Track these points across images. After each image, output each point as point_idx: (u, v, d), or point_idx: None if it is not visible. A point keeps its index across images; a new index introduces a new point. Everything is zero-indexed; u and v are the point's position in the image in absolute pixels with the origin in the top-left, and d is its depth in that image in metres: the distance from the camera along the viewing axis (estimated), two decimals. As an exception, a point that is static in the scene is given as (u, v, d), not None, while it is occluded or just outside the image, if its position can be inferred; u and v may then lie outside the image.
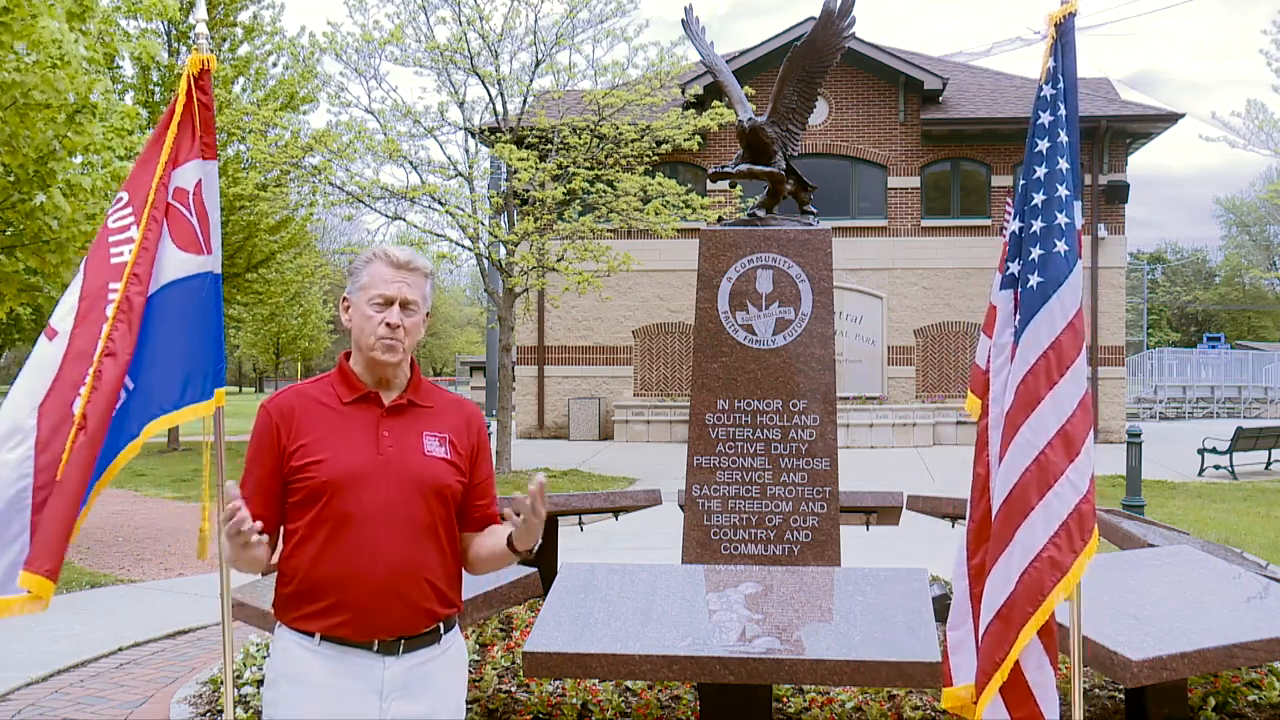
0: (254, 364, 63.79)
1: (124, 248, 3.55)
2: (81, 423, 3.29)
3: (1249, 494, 15.47)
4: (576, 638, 3.96)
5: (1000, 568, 3.22)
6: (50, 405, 3.33)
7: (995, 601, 3.21)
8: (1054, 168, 3.41)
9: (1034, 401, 3.25)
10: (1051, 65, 3.46)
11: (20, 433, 3.29)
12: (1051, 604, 3.13)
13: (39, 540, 3.23)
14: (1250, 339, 57.67)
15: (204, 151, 3.72)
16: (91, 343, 3.41)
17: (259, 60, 21.96)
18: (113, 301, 3.45)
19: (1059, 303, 3.30)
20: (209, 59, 3.75)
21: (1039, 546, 3.15)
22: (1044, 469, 3.19)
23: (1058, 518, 3.16)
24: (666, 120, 17.58)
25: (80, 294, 3.50)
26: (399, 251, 2.67)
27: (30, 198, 8.84)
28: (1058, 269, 3.32)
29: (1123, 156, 24.35)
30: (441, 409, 2.74)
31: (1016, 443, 3.24)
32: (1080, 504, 3.17)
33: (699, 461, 5.20)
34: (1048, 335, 3.29)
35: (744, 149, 5.49)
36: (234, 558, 2.57)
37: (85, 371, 3.36)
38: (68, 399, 3.34)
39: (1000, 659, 3.16)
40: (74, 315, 3.46)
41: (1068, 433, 3.21)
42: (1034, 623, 3.13)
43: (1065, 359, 3.26)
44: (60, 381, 3.36)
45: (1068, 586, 3.14)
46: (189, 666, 6.24)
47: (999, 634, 3.18)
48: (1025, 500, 3.20)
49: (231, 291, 22.48)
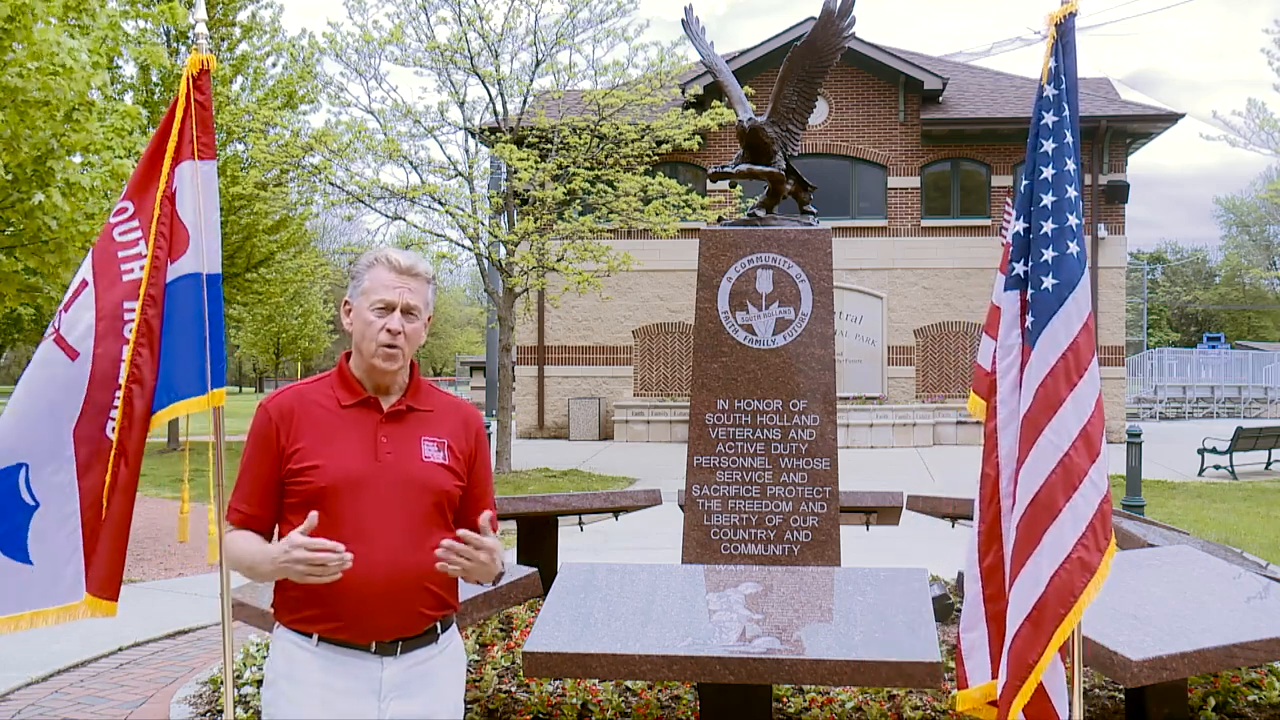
0: (254, 364, 63.79)
1: (134, 264, 3.62)
2: (121, 451, 3.53)
3: (1249, 494, 15.47)
4: (576, 638, 3.96)
5: (1029, 571, 3.19)
6: (83, 431, 3.53)
7: (1025, 605, 3.18)
8: (1062, 169, 3.39)
9: (1056, 403, 3.24)
10: (1053, 65, 3.46)
11: (60, 456, 3.51)
12: (1084, 605, 3.13)
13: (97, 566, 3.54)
14: (1250, 339, 57.66)
15: (202, 152, 3.71)
16: (114, 365, 3.55)
17: (258, 60, 21.96)
18: (129, 322, 3.57)
19: (1075, 304, 3.29)
20: (208, 59, 3.74)
21: (1068, 548, 3.15)
22: (1069, 471, 3.19)
23: (1084, 519, 3.16)
24: (666, 120, 17.58)
25: (96, 313, 3.58)
26: (402, 256, 2.66)
27: (29, 197, 8.84)
28: (1071, 271, 3.31)
29: (1123, 156, 24.35)
30: (440, 412, 2.73)
31: (1040, 445, 3.23)
32: (1102, 504, 3.19)
33: (699, 461, 5.19)
34: (1065, 337, 3.27)
35: (744, 149, 5.48)
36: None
37: (113, 396, 3.54)
38: (99, 424, 3.54)
39: (1034, 661, 3.14)
40: (93, 336, 3.56)
41: (1088, 433, 3.21)
42: (1067, 624, 3.12)
43: (1083, 360, 3.26)
44: (90, 405, 3.54)
45: (1098, 586, 3.13)
46: (189, 666, 6.24)
47: (1030, 637, 3.15)
48: (1052, 502, 3.19)
49: (231, 291, 22.47)
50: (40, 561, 3.49)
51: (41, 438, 3.48)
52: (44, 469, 3.48)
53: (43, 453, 3.48)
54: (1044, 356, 3.29)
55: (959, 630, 3.54)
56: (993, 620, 3.40)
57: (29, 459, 3.47)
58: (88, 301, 3.58)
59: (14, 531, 3.47)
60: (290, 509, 2.61)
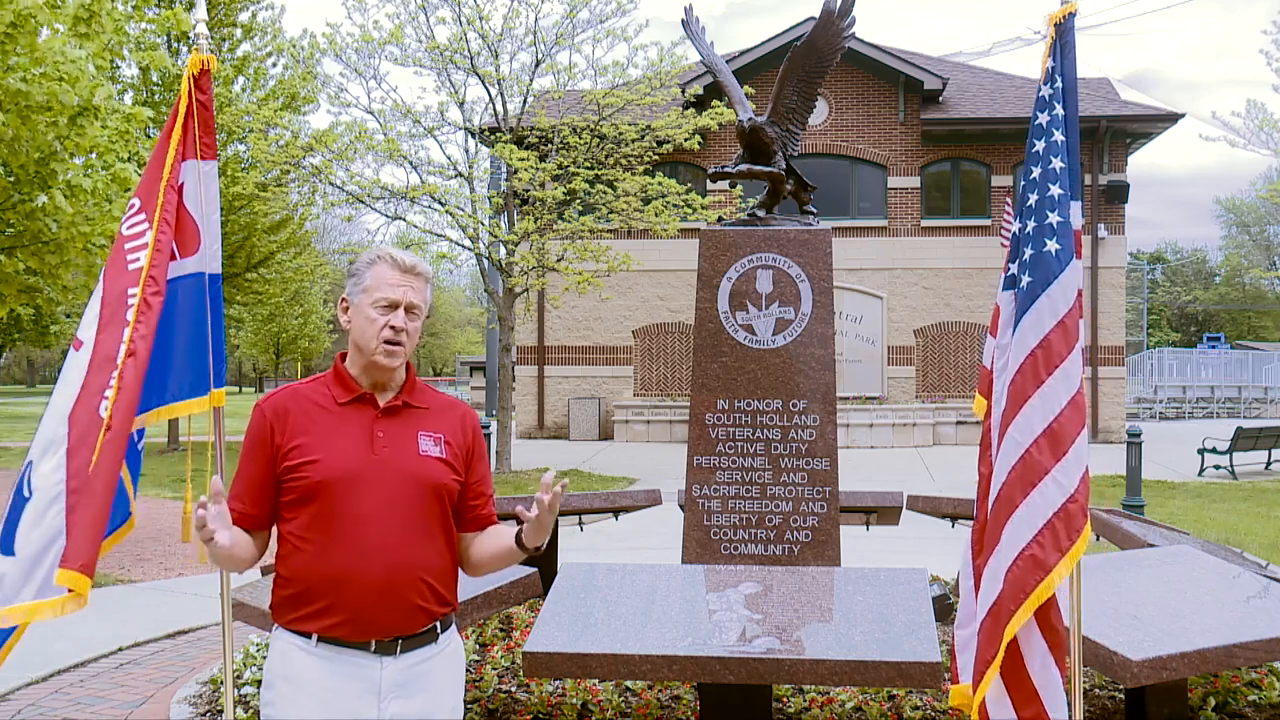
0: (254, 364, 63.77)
1: (139, 254, 3.61)
2: (108, 423, 3.37)
3: (1249, 494, 15.47)
4: (576, 638, 3.96)
5: (991, 566, 3.24)
6: (79, 412, 3.42)
7: (987, 600, 3.23)
8: (1047, 167, 3.41)
9: (1021, 401, 3.26)
10: (1050, 65, 3.46)
11: (55, 443, 3.40)
12: (1034, 603, 3.14)
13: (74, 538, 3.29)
14: (1250, 339, 57.66)
15: (203, 151, 3.72)
16: (115, 347, 3.48)
17: (258, 60, 21.97)
18: (132, 306, 3.52)
19: (1048, 301, 3.30)
20: (209, 59, 3.75)
21: (1022, 545, 3.17)
22: (1028, 468, 3.21)
23: (1042, 516, 3.17)
24: (667, 120, 17.58)
25: (101, 303, 3.57)
26: (404, 255, 2.67)
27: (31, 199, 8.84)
28: (1047, 268, 3.33)
29: (1123, 156, 24.35)
30: (436, 410, 2.74)
31: (1005, 442, 3.27)
32: (1067, 503, 3.17)
33: (699, 461, 5.19)
34: (1035, 335, 3.30)
35: (744, 149, 5.49)
36: (210, 554, 2.55)
37: (108, 378, 3.44)
38: (94, 405, 3.42)
39: (991, 656, 3.18)
40: (97, 324, 3.53)
41: (1055, 431, 3.21)
42: (1016, 620, 3.14)
43: (1054, 357, 3.26)
44: (87, 388, 3.45)
45: (1050, 586, 3.14)
46: (189, 666, 6.24)
47: (990, 632, 3.20)
48: (1011, 499, 3.22)
49: (231, 291, 22.48)
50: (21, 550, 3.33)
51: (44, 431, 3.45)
52: (42, 460, 3.41)
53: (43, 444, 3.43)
54: (1015, 355, 3.33)
55: (954, 627, 3.57)
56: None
57: (34, 455, 3.45)
58: (97, 294, 3.59)
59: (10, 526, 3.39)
60: (287, 505, 2.62)
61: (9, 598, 3.32)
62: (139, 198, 3.68)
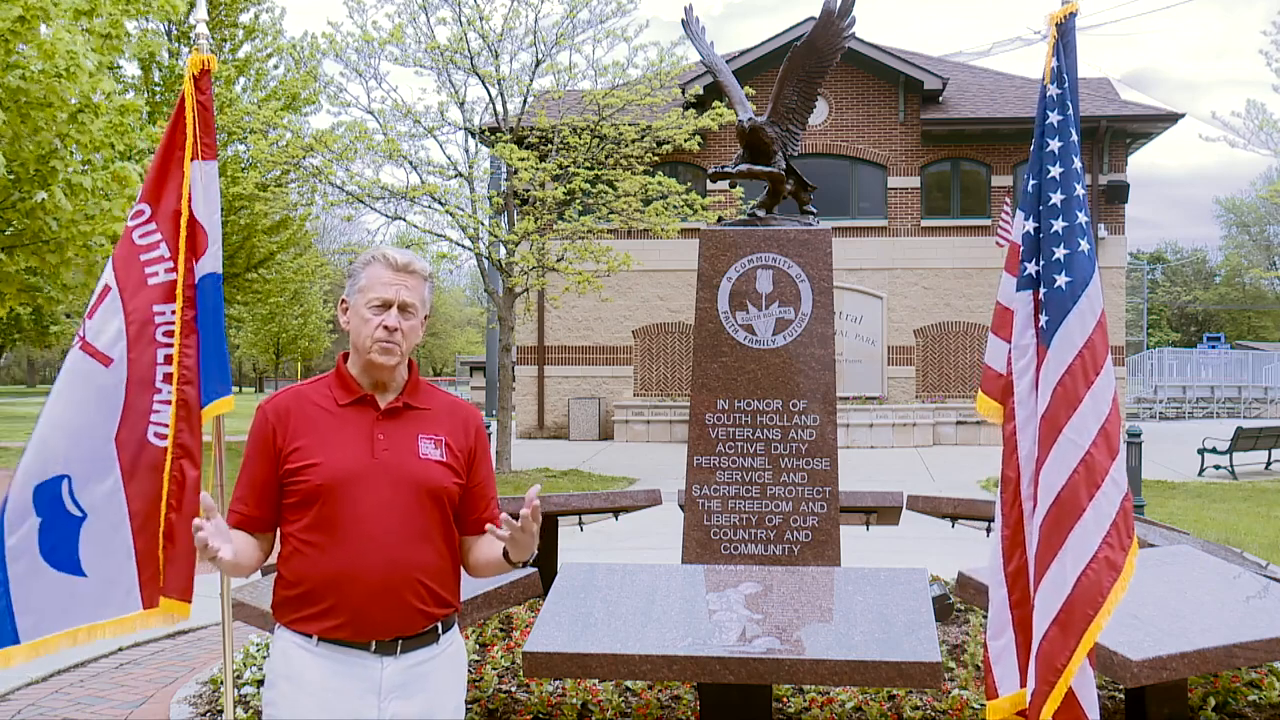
0: (254, 364, 63.80)
1: (158, 267, 3.63)
2: (184, 452, 3.59)
3: (1249, 494, 15.47)
4: (576, 638, 3.96)
5: (1054, 573, 3.14)
6: (125, 435, 3.54)
7: (1051, 608, 3.13)
8: (1070, 166, 3.38)
9: (1075, 402, 3.20)
10: (1055, 64, 3.45)
11: (105, 463, 3.52)
12: (1112, 605, 3.08)
13: (173, 569, 3.60)
14: (1250, 339, 57.66)
15: (204, 152, 3.72)
16: (150, 369, 3.58)
17: (259, 61, 21.99)
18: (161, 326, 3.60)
19: (1088, 301, 3.26)
20: (209, 59, 3.75)
21: (1094, 548, 3.10)
22: (1091, 469, 3.15)
23: (1108, 517, 3.12)
24: (667, 120, 17.58)
25: (125, 318, 3.58)
26: (398, 254, 2.67)
27: (31, 196, 8.84)
28: (1083, 268, 3.29)
29: (1123, 156, 24.36)
30: (438, 411, 2.73)
31: (1060, 444, 3.19)
32: (1124, 501, 3.15)
33: (699, 461, 5.19)
34: (1080, 335, 3.24)
35: (744, 149, 5.48)
36: (216, 566, 2.56)
37: (150, 400, 3.57)
38: (140, 429, 3.56)
39: (1062, 665, 3.09)
40: (125, 340, 3.56)
41: (1107, 431, 3.17)
42: (1096, 625, 3.08)
43: (1099, 358, 3.23)
44: (130, 410, 3.55)
45: (1124, 585, 3.09)
46: (189, 666, 6.24)
47: (1058, 640, 3.11)
48: (1076, 502, 3.14)
49: (231, 291, 22.51)
50: (94, 572, 3.51)
51: (83, 448, 3.49)
52: (89, 479, 3.48)
53: (85, 462, 3.48)
54: (1060, 355, 3.25)
55: (985, 638, 3.47)
56: (1019, 626, 3.32)
57: (71, 470, 3.48)
58: (114, 306, 3.58)
59: (63, 543, 3.47)
60: (290, 508, 2.62)
61: (91, 615, 3.55)
62: (147, 204, 3.68)
